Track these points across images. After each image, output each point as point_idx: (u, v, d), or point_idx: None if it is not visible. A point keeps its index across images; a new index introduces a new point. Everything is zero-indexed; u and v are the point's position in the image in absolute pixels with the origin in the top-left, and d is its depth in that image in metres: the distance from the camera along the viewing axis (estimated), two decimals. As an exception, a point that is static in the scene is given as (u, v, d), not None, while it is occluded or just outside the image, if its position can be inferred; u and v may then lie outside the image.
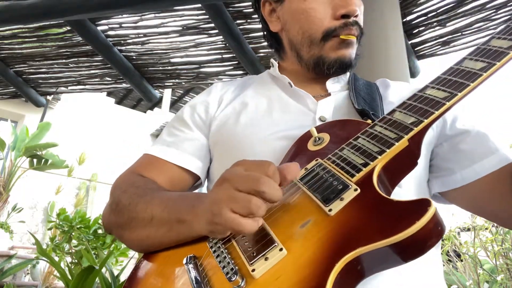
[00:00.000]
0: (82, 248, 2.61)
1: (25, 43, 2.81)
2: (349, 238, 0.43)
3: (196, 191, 0.83)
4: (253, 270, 0.45)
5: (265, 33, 0.90)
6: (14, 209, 4.89)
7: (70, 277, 2.30)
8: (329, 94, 0.79)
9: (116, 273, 2.24)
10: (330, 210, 0.47)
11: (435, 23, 2.21)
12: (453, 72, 0.57)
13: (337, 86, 0.81)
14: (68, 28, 2.58)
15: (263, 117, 0.76)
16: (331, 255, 0.42)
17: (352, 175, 0.50)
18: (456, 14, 2.14)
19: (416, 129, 0.52)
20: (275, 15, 0.83)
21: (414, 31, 2.30)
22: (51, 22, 2.57)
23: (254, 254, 0.46)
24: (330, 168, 0.53)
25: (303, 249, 0.45)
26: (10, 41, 2.79)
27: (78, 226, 2.94)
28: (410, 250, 0.41)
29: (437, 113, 0.53)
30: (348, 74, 0.84)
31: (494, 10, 2.06)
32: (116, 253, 2.98)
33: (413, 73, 2.41)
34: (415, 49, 2.40)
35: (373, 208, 0.46)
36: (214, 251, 0.51)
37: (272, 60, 0.88)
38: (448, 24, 2.20)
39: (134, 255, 3.16)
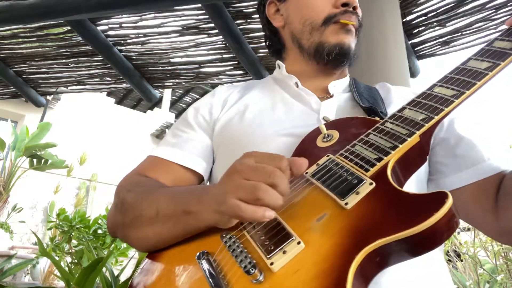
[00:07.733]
0: (84, 247, 2.61)
1: (25, 43, 2.81)
2: (368, 231, 0.43)
3: None
4: (272, 264, 0.45)
5: (266, 35, 0.93)
6: (14, 209, 4.90)
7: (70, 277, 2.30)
8: (331, 96, 0.80)
9: (116, 273, 2.24)
10: (346, 204, 0.47)
11: (435, 23, 2.21)
12: (460, 71, 0.59)
13: (338, 89, 0.82)
14: (68, 28, 2.58)
15: (267, 116, 0.77)
16: (350, 247, 0.42)
17: (367, 170, 0.51)
18: (456, 14, 2.14)
19: (427, 125, 0.54)
20: (278, 13, 0.88)
21: (414, 31, 2.30)
22: (51, 22, 2.57)
23: (272, 248, 0.46)
24: (343, 164, 0.54)
25: (321, 242, 0.45)
26: (10, 41, 2.79)
27: (78, 226, 2.94)
28: (426, 242, 0.41)
29: (446, 110, 0.54)
30: (348, 78, 0.86)
31: (494, 10, 2.06)
32: (116, 253, 2.98)
33: (413, 73, 2.41)
34: (415, 49, 2.40)
35: (389, 201, 0.46)
36: (229, 246, 0.51)
37: (278, 61, 0.89)
38: (448, 24, 2.20)
39: (134, 255, 3.15)
